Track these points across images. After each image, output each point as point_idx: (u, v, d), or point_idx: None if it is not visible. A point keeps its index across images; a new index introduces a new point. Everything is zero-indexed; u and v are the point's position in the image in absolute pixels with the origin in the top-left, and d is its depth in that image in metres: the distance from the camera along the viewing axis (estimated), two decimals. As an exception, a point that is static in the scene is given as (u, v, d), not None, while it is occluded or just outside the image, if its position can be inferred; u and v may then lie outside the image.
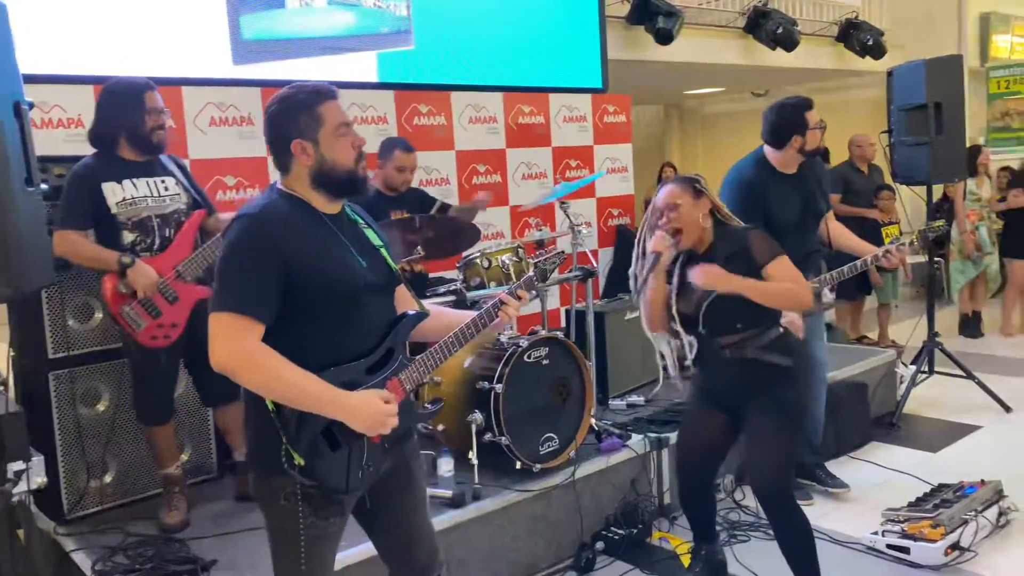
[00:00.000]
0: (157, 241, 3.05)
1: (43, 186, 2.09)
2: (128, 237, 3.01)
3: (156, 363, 3.05)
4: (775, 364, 2.74)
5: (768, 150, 3.65)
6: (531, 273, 2.18)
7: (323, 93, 1.91)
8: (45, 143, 3.64)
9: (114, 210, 2.98)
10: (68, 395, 3.19)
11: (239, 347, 1.77)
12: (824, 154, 3.63)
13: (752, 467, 2.88)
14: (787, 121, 3.57)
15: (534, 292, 2.23)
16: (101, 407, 3.29)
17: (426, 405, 2.24)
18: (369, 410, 1.83)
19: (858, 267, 3.55)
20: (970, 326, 7.15)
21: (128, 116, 3.01)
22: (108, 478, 3.30)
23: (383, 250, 2.04)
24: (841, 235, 3.86)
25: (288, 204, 1.90)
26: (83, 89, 3.78)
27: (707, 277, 2.68)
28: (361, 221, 2.05)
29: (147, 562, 2.77)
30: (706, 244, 2.79)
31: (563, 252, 2.27)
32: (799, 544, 2.77)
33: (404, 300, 2.13)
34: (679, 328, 2.80)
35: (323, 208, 1.94)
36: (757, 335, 2.75)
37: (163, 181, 3.10)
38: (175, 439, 3.28)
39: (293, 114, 1.88)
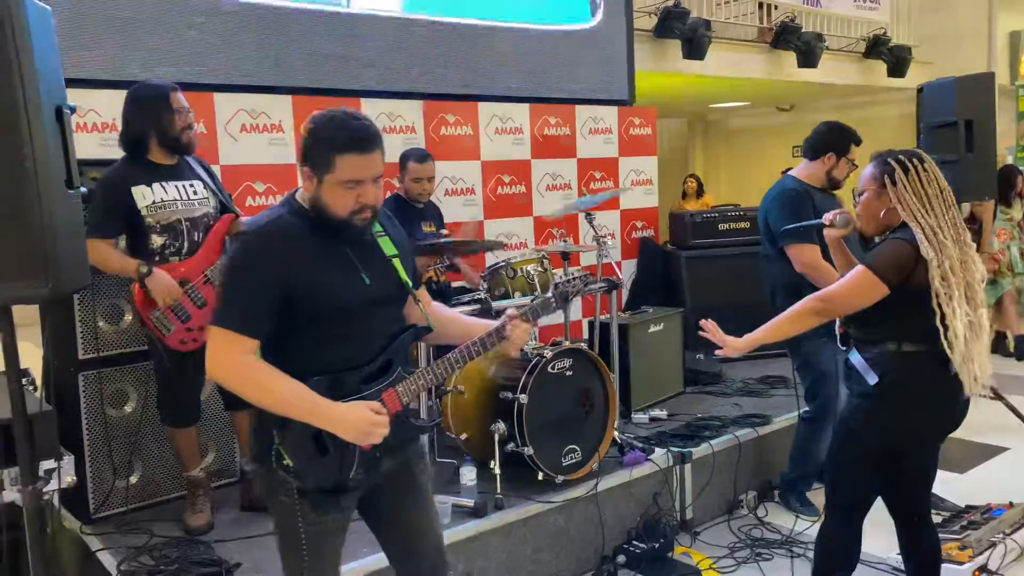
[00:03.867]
0: (186, 245, 3.05)
1: (82, 189, 2.11)
2: (157, 241, 3.01)
3: (184, 367, 3.06)
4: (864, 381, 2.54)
5: None
6: (549, 295, 2.15)
7: (352, 144, 1.85)
8: (80, 147, 3.69)
9: (143, 213, 2.98)
10: (96, 396, 3.22)
11: (227, 360, 1.85)
12: None
13: None
14: None
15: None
16: (128, 408, 3.32)
17: (421, 418, 2.22)
18: (356, 420, 1.84)
19: None
20: (1001, 345, 7.07)
21: (157, 118, 3.01)
22: (134, 479, 3.32)
23: (396, 260, 2.03)
24: None
25: (296, 219, 1.92)
26: (118, 94, 3.81)
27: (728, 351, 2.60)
28: (379, 228, 2.03)
29: (172, 563, 2.78)
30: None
31: (588, 276, 2.20)
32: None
33: (414, 311, 2.11)
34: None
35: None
36: (863, 345, 2.58)
37: (191, 185, 3.11)
38: (198, 442, 3.30)
39: (313, 147, 1.88)
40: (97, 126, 3.79)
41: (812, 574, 2.78)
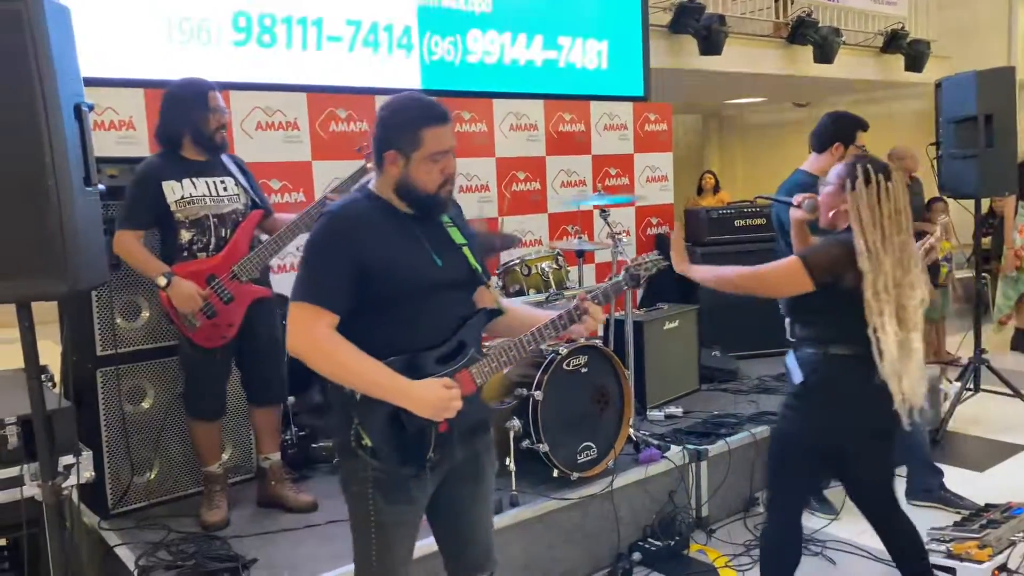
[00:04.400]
0: (213, 241, 3.07)
1: (100, 187, 2.12)
2: (185, 236, 3.05)
3: (211, 362, 3.09)
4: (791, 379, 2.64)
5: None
6: (620, 277, 2.16)
7: (433, 117, 1.96)
8: (97, 145, 3.71)
9: (172, 208, 3.02)
10: (114, 392, 3.25)
11: (308, 334, 1.91)
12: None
13: None
14: None
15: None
16: (146, 405, 3.35)
17: (504, 400, 2.24)
18: (431, 395, 1.90)
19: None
20: (1021, 342, 7.01)
21: (192, 115, 3.05)
22: (151, 475, 3.35)
23: (465, 248, 2.10)
24: None
25: (371, 204, 2.02)
26: (134, 92, 3.87)
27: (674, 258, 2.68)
28: (448, 220, 2.11)
29: (189, 559, 2.80)
30: None
31: (660, 259, 2.20)
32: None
33: (484, 299, 2.17)
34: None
35: (405, 209, 2.03)
36: (798, 345, 2.66)
37: (222, 181, 3.13)
38: (219, 438, 3.32)
39: (397, 128, 1.97)
40: (115, 124, 3.81)
41: (760, 572, 2.81)
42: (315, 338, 1.90)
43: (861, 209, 2.45)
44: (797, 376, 2.60)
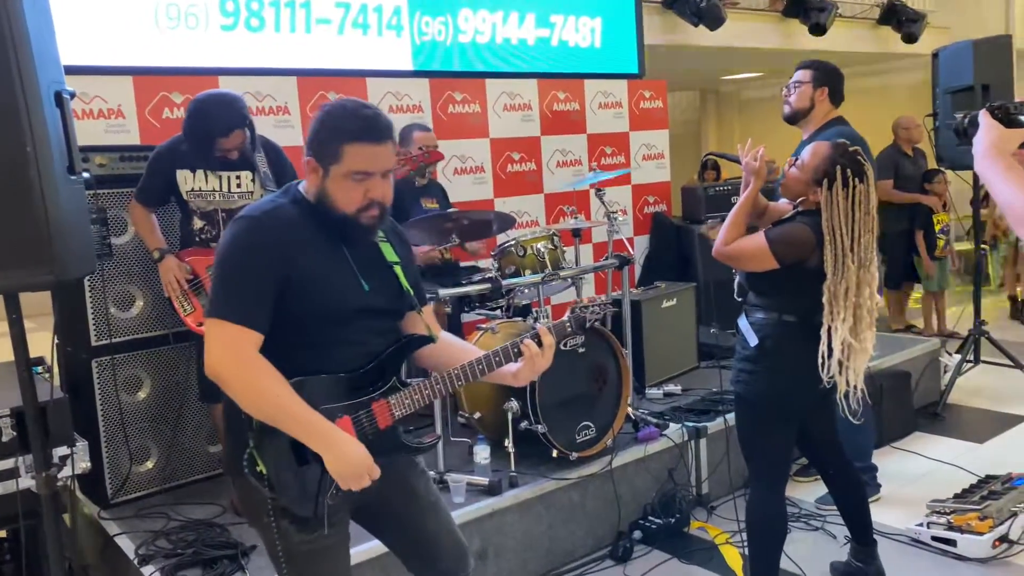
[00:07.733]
0: (222, 235, 3.06)
1: (85, 175, 2.10)
2: (198, 223, 3.11)
3: None
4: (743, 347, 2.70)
5: None
6: (566, 319, 2.03)
7: (361, 133, 1.73)
8: (86, 134, 3.69)
9: (185, 196, 3.06)
10: (111, 382, 3.24)
11: (233, 357, 1.69)
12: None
13: None
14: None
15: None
16: (142, 394, 3.34)
17: (424, 440, 1.93)
18: (354, 458, 1.71)
19: None
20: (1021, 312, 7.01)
21: (197, 143, 2.96)
22: (150, 464, 3.35)
23: (398, 267, 1.91)
24: None
25: (297, 210, 1.80)
26: (123, 80, 3.83)
27: None
28: (382, 235, 1.90)
29: (189, 546, 2.80)
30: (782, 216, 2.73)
31: (609, 305, 2.12)
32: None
33: (415, 324, 1.97)
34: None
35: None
36: (751, 310, 2.71)
37: (238, 176, 3.08)
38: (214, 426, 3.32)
39: (321, 134, 1.76)
40: (104, 112, 3.78)
41: (749, 550, 2.78)
42: (241, 362, 1.67)
43: (835, 214, 2.48)
44: (752, 339, 2.65)
